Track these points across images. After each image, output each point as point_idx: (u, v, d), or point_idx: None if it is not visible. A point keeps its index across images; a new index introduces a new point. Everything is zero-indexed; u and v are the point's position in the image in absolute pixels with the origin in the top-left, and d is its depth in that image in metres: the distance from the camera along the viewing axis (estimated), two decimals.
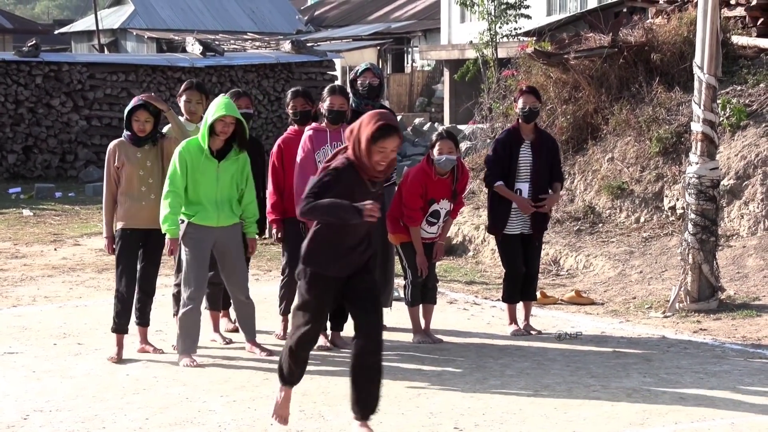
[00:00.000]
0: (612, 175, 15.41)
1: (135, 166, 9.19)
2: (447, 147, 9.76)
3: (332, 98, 9.71)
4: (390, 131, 6.75)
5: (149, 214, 9.16)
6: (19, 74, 25.78)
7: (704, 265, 11.34)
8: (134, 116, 9.17)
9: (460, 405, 7.94)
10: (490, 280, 13.30)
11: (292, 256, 9.98)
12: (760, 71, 15.32)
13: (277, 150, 9.96)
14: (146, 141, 9.25)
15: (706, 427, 7.33)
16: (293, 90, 10.32)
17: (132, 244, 9.26)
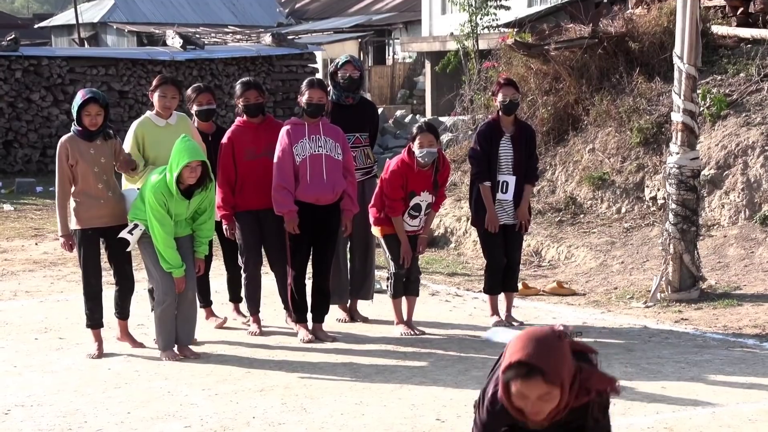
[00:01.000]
0: (593, 165, 15.44)
1: (89, 164, 9.00)
2: (428, 140, 9.74)
3: (311, 92, 9.66)
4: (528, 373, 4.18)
5: (108, 212, 9.07)
6: None
7: (685, 254, 11.37)
8: (85, 111, 8.97)
9: (442, 396, 7.94)
10: (472, 271, 13.31)
11: (248, 249, 9.99)
12: (740, 61, 15.35)
13: (227, 143, 9.87)
14: (98, 135, 9.05)
15: (687, 417, 7.35)
16: (244, 81, 10.16)
17: (94, 243, 9.15)
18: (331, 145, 9.63)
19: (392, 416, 7.45)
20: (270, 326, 10.27)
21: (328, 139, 9.63)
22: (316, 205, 9.60)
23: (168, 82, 9.77)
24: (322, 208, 9.63)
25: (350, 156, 9.86)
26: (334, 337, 9.85)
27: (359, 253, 10.56)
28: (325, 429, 7.19)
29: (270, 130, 9.88)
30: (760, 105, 14.34)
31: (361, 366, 8.89)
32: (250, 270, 10.04)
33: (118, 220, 9.06)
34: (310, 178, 9.53)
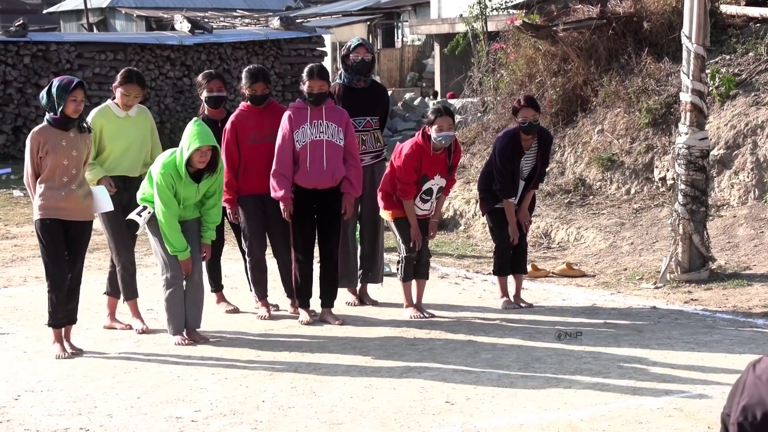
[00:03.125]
0: (602, 147, 15.41)
1: (60, 156, 8.63)
2: (447, 124, 9.71)
3: (311, 82, 9.62)
4: None
5: (71, 205, 8.73)
6: (7, 54, 25.68)
7: (695, 235, 11.35)
8: (71, 96, 8.57)
9: (452, 379, 7.94)
10: (481, 254, 13.31)
11: (252, 233, 9.99)
12: (749, 40, 15.30)
13: (231, 127, 9.88)
14: (74, 124, 8.70)
15: (698, 397, 7.35)
16: (252, 72, 10.05)
17: (55, 233, 8.73)
18: (333, 130, 9.61)
19: (402, 399, 7.46)
20: (280, 311, 10.29)
21: (330, 123, 9.61)
22: (316, 190, 9.60)
23: (133, 81, 9.44)
24: (323, 192, 9.63)
25: (353, 139, 9.82)
26: (344, 320, 9.86)
27: (368, 237, 10.56)
28: (334, 412, 7.19)
29: (273, 115, 9.89)
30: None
31: (371, 349, 8.90)
32: (254, 254, 10.06)
33: (82, 215, 8.83)
34: (310, 165, 9.53)
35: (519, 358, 8.53)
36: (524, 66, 17.08)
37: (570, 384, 7.74)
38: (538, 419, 6.97)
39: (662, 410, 7.12)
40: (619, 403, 7.30)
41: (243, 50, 28.55)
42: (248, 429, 6.89)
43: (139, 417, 7.17)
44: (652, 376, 7.94)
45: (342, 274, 10.21)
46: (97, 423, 7.06)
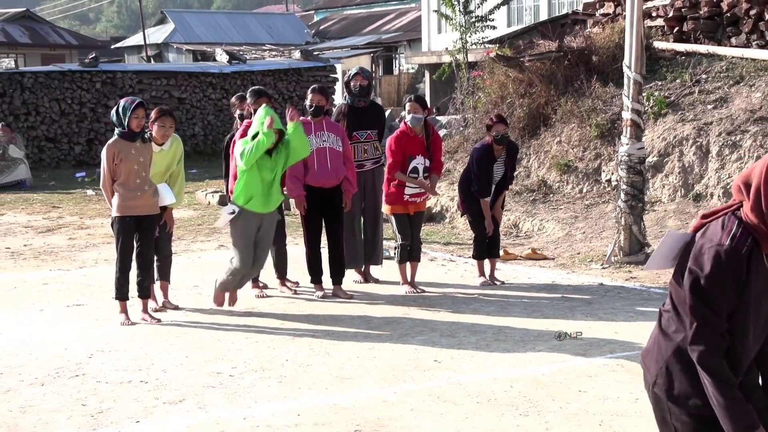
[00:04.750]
0: (560, 154, 15.39)
1: (131, 162, 8.60)
2: (414, 108, 9.85)
3: (312, 96, 9.71)
4: None
5: (143, 203, 8.70)
6: (82, 81, 25.73)
7: (634, 226, 11.35)
8: (134, 114, 8.54)
9: (439, 342, 7.94)
10: (463, 241, 13.29)
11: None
12: (677, 69, 15.28)
13: (234, 144, 9.59)
14: (139, 136, 8.67)
15: (636, 356, 7.34)
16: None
17: (130, 228, 8.70)
18: (333, 140, 9.65)
19: (398, 358, 7.46)
20: (302, 288, 10.29)
21: (330, 134, 9.65)
22: (323, 188, 9.61)
23: (166, 114, 9.30)
24: (328, 190, 9.64)
25: (348, 147, 9.84)
26: (351, 295, 9.86)
27: (370, 227, 10.55)
28: (344, 369, 7.19)
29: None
30: (692, 105, 14.28)
31: (374, 318, 8.89)
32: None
33: (151, 210, 8.78)
34: (317, 167, 9.54)
35: (493, 325, 8.52)
36: (497, 89, 17.08)
37: (534, 346, 7.75)
38: (509, 374, 6.97)
39: (607, 366, 7.13)
40: (573, 361, 7.30)
41: (271, 77, 28.53)
42: (275, 382, 6.89)
43: (187, 372, 7.18)
44: (599, 339, 7.94)
45: (349, 258, 10.20)
46: (154, 377, 7.06)
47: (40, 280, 11.04)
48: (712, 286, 2.97)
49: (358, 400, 6.45)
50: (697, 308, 2.99)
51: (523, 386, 6.67)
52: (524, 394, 6.50)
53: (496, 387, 6.66)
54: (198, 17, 58.08)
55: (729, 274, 2.96)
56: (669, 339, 3.26)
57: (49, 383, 6.97)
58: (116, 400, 6.52)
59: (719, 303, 2.99)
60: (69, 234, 14.63)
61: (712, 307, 2.99)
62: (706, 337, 3.00)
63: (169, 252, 9.49)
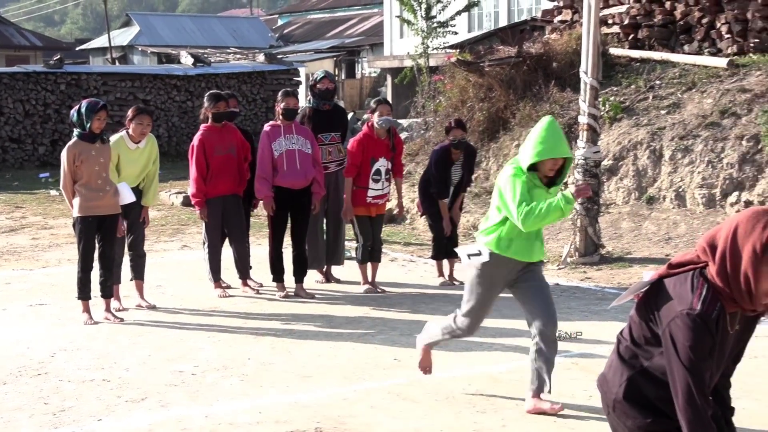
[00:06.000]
0: None
1: (92, 163, 8.48)
2: (386, 110, 9.87)
3: (287, 100, 9.66)
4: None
5: (105, 203, 8.60)
6: (47, 82, 25.46)
7: (589, 227, 11.43)
8: (97, 116, 8.41)
9: (399, 341, 7.95)
10: (423, 242, 13.31)
11: (210, 231, 9.85)
12: (632, 76, 15.40)
13: (199, 144, 9.63)
14: (99, 138, 8.54)
15: (590, 355, 7.40)
16: (213, 94, 9.87)
17: (92, 228, 8.60)
18: (302, 142, 9.63)
19: (359, 357, 7.46)
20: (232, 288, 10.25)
21: (299, 137, 9.64)
22: (292, 190, 9.59)
23: (144, 112, 9.22)
24: (296, 191, 9.62)
25: (318, 150, 9.83)
26: (313, 294, 9.84)
27: (333, 228, 10.55)
28: (305, 367, 7.18)
29: (230, 133, 9.80)
30: (647, 110, 14.40)
31: (335, 317, 8.89)
32: (209, 246, 9.91)
33: (113, 210, 8.67)
34: (286, 168, 9.52)
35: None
36: (458, 93, 17.11)
37: (492, 345, 7.78)
38: (467, 372, 7.00)
39: (562, 364, 7.15)
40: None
41: (235, 79, 28.39)
42: (237, 381, 6.87)
43: (150, 371, 7.14)
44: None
45: (311, 258, 10.19)
46: (117, 375, 7.01)
47: (4, 279, 10.93)
48: (694, 354, 3.06)
49: (319, 397, 6.45)
50: (685, 378, 3.08)
51: (481, 384, 6.69)
52: (482, 391, 6.53)
53: (454, 385, 6.68)
54: (163, 20, 57.79)
55: (706, 339, 3.07)
56: (627, 366, 3.37)
57: (11, 382, 6.90)
58: (78, 399, 6.47)
59: (702, 366, 3.09)
60: (32, 234, 14.49)
61: (698, 373, 3.08)
62: (697, 404, 3.08)
63: (143, 252, 9.44)
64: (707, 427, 3.06)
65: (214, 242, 9.88)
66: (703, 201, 12.69)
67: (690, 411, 3.05)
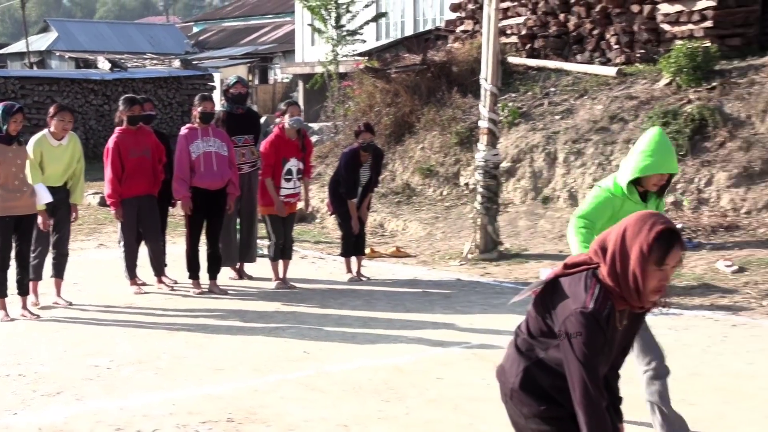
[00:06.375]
0: (423, 160, 15.55)
1: (9, 164, 8.27)
2: (296, 111, 9.89)
3: (205, 104, 9.58)
4: (676, 239, 3.16)
5: (22, 203, 8.37)
6: None
7: (489, 225, 11.54)
8: (13, 118, 8.23)
9: (308, 334, 7.93)
10: (332, 240, 13.29)
11: (126, 230, 9.73)
12: (529, 83, 15.62)
13: (114, 146, 9.48)
14: (15, 139, 8.34)
15: (488, 346, 7.47)
16: (128, 98, 9.75)
17: (9, 228, 8.36)
18: (219, 145, 9.54)
19: (270, 350, 7.42)
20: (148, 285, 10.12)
21: (216, 139, 9.54)
22: (208, 190, 9.49)
23: (65, 110, 9.02)
24: (213, 192, 9.53)
25: (233, 152, 9.75)
26: (226, 290, 9.76)
27: (246, 227, 10.47)
28: (218, 360, 7.12)
29: (145, 135, 9.69)
30: (542, 115, 14.62)
31: (247, 312, 8.82)
32: (125, 245, 9.81)
33: (30, 210, 8.45)
34: (204, 170, 9.43)
35: (359, 318, 8.56)
36: (366, 99, 17.15)
37: (396, 338, 7.80)
38: (373, 363, 7.00)
39: (463, 355, 7.24)
40: (433, 350, 7.38)
41: (151, 84, 27.97)
42: (151, 374, 6.77)
43: (66, 365, 6.99)
44: (456, 328, 8.05)
45: (225, 256, 10.11)
46: (33, 370, 6.85)
47: None
48: (588, 350, 3.13)
49: (231, 389, 6.39)
50: (581, 372, 3.14)
51: (386, 374, 6.71)
52: (386, 381, 6.55)
53: (360, 375, 6.69)
54: (81, 26, 56.68)
55: (598, 335, 3.15)
56: (523, 357, 3.42)
57: None
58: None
59: (596, 361, 3.16)
60: None
61: (593, 367, 3.15)
62: (593, 396, 3.14)
63: (66, 251, 9.23)
64: (602, 417, 3.12)
65: (130, 241, 9.74)
66: None
67: (586, 402, 3.12)
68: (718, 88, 12.85)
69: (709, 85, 12.98)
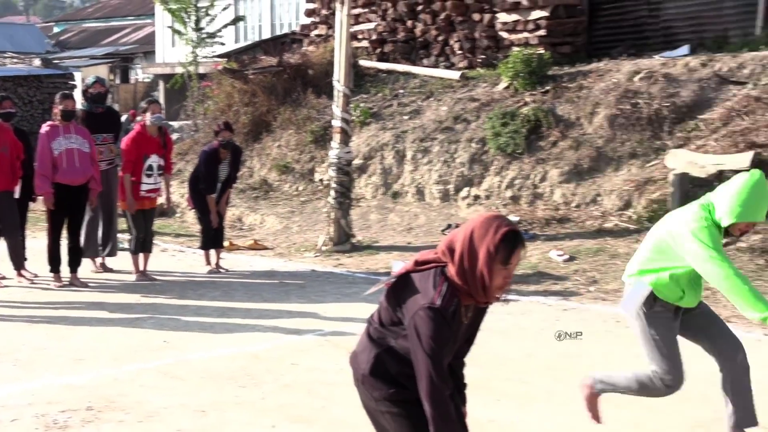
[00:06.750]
0: (280, 157, 15.49)
1: None
2: (157, 109, 9.73)
3: (66, 101, 9.27)
4: (519, 240, 3.22)
5: None
6: None
7: (342, 219, 11.59)
8: None
9: (168, 324, 7.77)
10: (192, 233, 13.09)
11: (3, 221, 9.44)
12: (379, 85, 15.75)
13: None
14: None
15: (341, 333, 7.51)
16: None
17: None
18: (81, 142, 9.26)
19: (130, 340, 7.25)
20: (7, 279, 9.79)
21: (77, 137, 9.26)
22: (70, 186, 9.21)
23: None
24: (75, 188, 9.25)
25: (94, 150, 9.48)
26: (86, 283, 9.49)
27: (106, 221, 10.20)
28: (79, 351, 6.91)
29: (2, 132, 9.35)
30: (392, 115, 14.77)
31: (108, 304, 8.59)
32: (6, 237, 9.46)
33: None
34: (66, 166, 9.13)
35: (218, 308, 8.46)
36: (224, 98, 16.97)
37: (253, 327, 7.74)
38: (230, 351, 6.93)
39: (317, 342, 7.24)
40: (288, 338, 7.36)
41: (11, 82, 26.81)
42: (10, 366, 6.51)
43: None
44: (311, 316, 8.06)
45: (87, 248, 9.83)
46: None
47: None
48: (435, 343, 3.16)
49: (91, 379, 6.22)
50: (427, 364, 3.17)
51: (243, 362, 6.66)
52: (243, 368, 6.49)
53: (218, 363, 6.61)
54: None
55: (445, 330, 3.19)
56: (375, 345, 3.46)
57: None
58: None
59: (441, 353, 3.20)
60: None
61: (438, 359, 3.18)
62: (437, 386, 3.18)
63: None
64: (446, 405, 3.18)
65: None
66: (440, 195, 13.16)
67: (431, 392, 3.17)
68: (551, 92, 13.26)
69: (543, 89, 13.37)
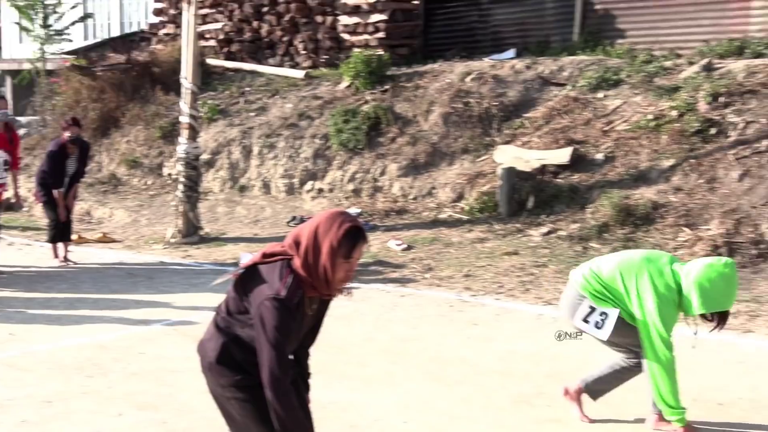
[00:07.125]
0: (128, 152, 15.06)
1: None
2: (4, 104, 9.36)
3: None
4: (361, 235, 3.22)
5: None
6: None
7: (190, 212, 11.37)
8: None
9: (15, 317, 7.44)
10: (40, 227, 12.55)
11: None
12: (227, 82, 15.55)
13: None
14: None
15: (189, 322, 7.36)
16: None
17: None
18: None
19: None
20: None
21: None
22: None
23: None
24: None
25: None
26: None
27: None
28: None
29: None
30: (239, 112, 14.61)
31: None
32: None
33: None
34: None
35: (65, 300, 8.15)
36: (73, 95, 16.41)
37: (101, 318, 7.49)
38: (78, 342, 6.70)
39: (164, 331, 7.08)
40: (135, 328, 7.17)
41: None
42: None
43: None
44: (158, 307, 7.86)
45: None
46: None
47: None
48: (279, 333, 3.12)
49: None
50: (270, 353, 3.12)
51: (91, 352, 6.43)
52: (91, 358, 6.27)
53: (65, 354, 6.36)
54: None
55: (289, 321, 3.15)
56: (222, 334, 3.41)
57: None
58: None
59: (284, 343, 3.15)
60: None
61: (281, 349, 3.13)
62: (279, 375, 3.13)
63: None
64: (286, 392, 3.15)
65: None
66: (285, 189, 13.10)
67: (273, 381, 3.13)
68: (389, 91, 13.40)
69: (382, 88, 13.50)
